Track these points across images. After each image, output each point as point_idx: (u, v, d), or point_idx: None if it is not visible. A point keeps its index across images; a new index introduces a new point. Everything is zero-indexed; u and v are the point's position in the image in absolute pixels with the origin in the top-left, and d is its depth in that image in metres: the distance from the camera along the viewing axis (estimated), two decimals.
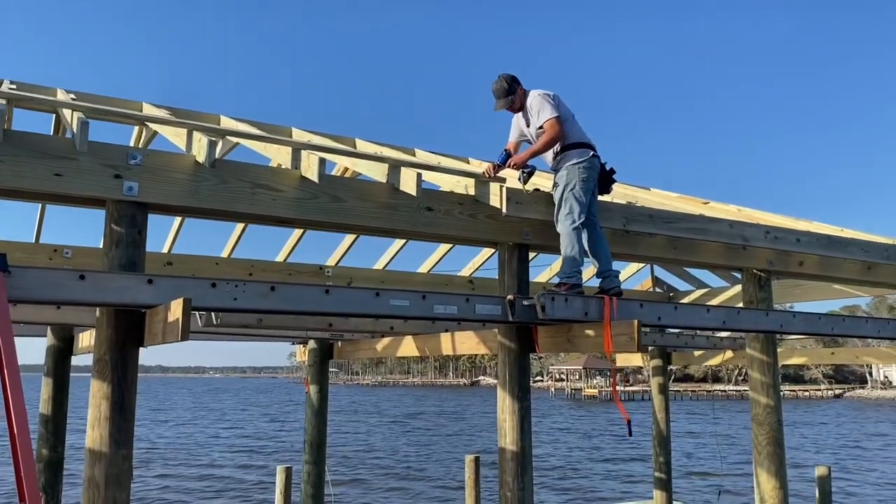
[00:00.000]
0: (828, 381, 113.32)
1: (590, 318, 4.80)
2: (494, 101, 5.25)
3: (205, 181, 4.10)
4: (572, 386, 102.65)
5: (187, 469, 25.47)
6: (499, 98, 5.22)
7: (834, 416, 60.13)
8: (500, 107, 5.24)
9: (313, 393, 9.16)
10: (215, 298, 3.77)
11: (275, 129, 6.36)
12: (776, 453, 6.39)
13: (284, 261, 7.72)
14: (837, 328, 6.16)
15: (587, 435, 40.63)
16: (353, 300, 4.16)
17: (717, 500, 14.10)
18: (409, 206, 4.75)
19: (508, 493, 5.03)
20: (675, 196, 7.87)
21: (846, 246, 6.47)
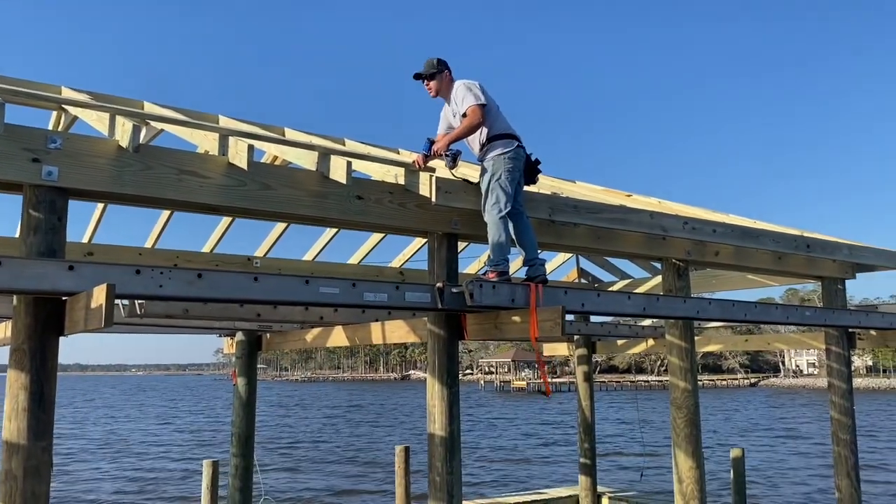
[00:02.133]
0: (744, 371, 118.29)
1: (516, 305, 4.92)
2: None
3: (128, 167, 4.02)
4: (501, 378, 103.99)
5: (113, 464, 24.68)
6: (424, 67, 5.35)
7: (744, 402, 62.80)
8: (421, 74, 5.35)
9: (241, 386, 9.04)
10: (140, 285, 3.70)
11: (202, 116, 6.25)
12: (693, 435, 6.68)
13: (212, 251, 7.59)
14: (750, 314, 6.47)
15: (515, 423, 41.27)
16: (282, 288, 4.15)
17: (640, 481, 14.57)
18: (339, 194, 4.76)
19: (437, 478, 5.11)
20: (599, 188, 8.10)
21: (758, 237, 6.80)
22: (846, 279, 8.14)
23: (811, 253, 7.25)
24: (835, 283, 8.08)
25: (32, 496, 3.63)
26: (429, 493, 5.21)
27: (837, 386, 7.97)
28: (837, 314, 7.46)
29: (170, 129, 4.99)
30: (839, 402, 7.94)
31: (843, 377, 7.98)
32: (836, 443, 7.92)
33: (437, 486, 5.11)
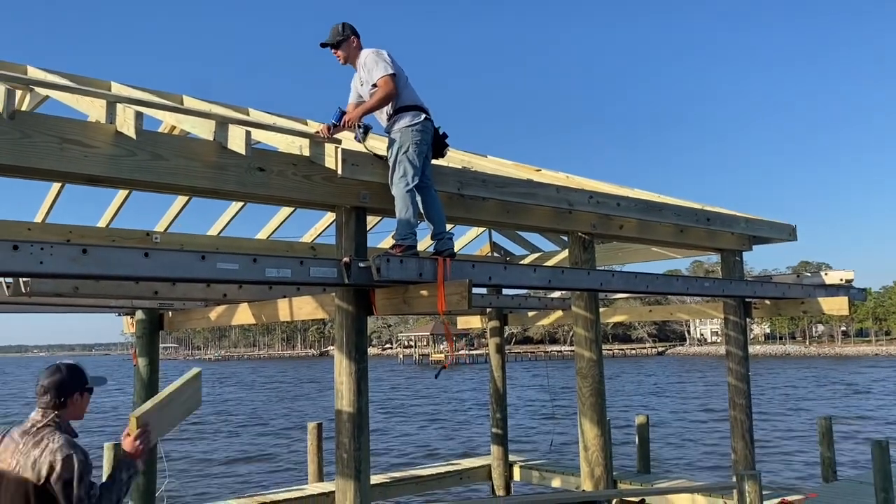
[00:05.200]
0: (652, 340, 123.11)
1: (424, 279, 4.89)
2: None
3: (4, 135, 3.72)
4: (420, 352, 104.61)
5: None
6: (329, 35, 5.22)
7: (650, 371, 65.41)
8: (326, 41, 5.23)
9: (142, 366, 8.69)
10: (18, 262, 3.46)
11: (91, 83, 5.88)
12: (598, 403, 6.86)
13: (107, 226, 7.22)
14: (652, 286, 6.67)
15: (430, 396, 41.68)
16: (177, 264, 3.97)
17: (550, 449, 14.97)
18: (238, 165, 4.57)
19: (345, 455, 5.06)
20: (509, 163, 8.13)
21: (661, 210, 6.99)
22: (744, 251, 8.49)
23: (711, 226, 7.52)
24: (733, 255, 8.42)
25: None
26: (336, 470, 5.16)
27: (734, 353, 8.35)
28: (734, 285, 7.78)
29: (55, 95, 4.68)
30: (736, 368, 8.31)
31: (740, 345, 8.36)
32: (733, 407, 8.31)
33: (344, 462, 5.06)
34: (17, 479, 2.78)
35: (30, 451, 2.80)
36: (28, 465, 2.78)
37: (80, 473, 2.75)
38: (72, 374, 2.98)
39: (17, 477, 2.78)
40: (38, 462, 2.77)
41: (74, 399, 2.97)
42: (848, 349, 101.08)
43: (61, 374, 2.96)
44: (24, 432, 2.89)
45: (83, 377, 3.02)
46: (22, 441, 2.85)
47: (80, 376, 3.01)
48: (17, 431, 2.92)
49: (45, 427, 2.87)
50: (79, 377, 3.00)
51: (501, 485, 11.26)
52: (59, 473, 2.74)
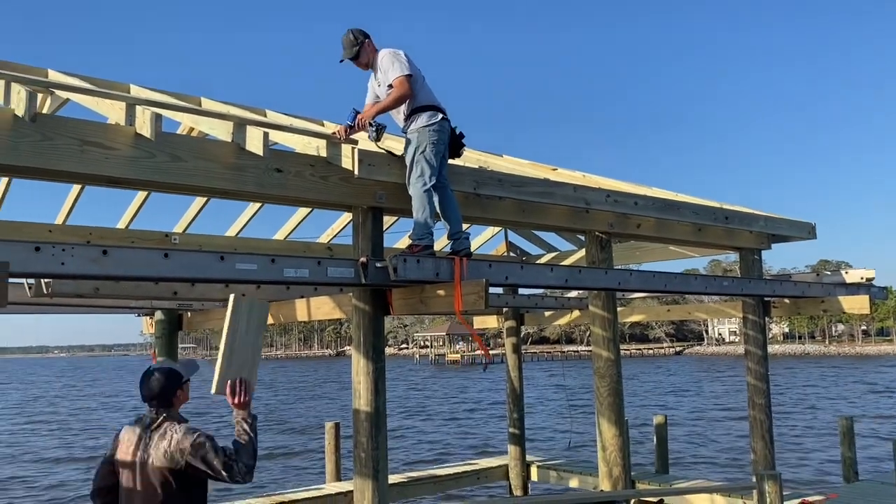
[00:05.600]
0: (670, 340, 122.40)
1: (441, 279, 4.89)
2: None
3: (26, 137, 3.77)
4: (436, 352, 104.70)
5: (15, 455, 23.82)
6: (344, 48, 5.20)
7: (668, 370, 65.03)
8: (344, 56, 5.23)
9: None
10: (40, 263, 3.50)
11: (111, 85, 5.94)
12: (616, 403, 6.83)
13: (127, 227, 7.29)
14: (670, 285, 6.63)
15: (447, 396, 41.69)
16: (196, 264, 4.00)
17: (567, 450, 14.92)
18: (256, 166, 4.60)
19: (363, 454, 5.08)
20: (525, 162, 8.12)
21: (679, 209, 6.95)
22: (762, 249, 8.42)
23: (730, 224, 7.47)
24: (752, 254, 8.35)
25: None
26: (354, 469, 5.17)
27: (753, 353, 8.28)
28: (753, 284, 7.71)
29: (75, 98, 4.72)
30: (755, 367, 8.25)
31: (759, 344, 8.29)
32: (752, 407, 8.24)
33: (362, 462, 5.08)
34: (154, 469, 3.15)
35: (158, 445, 3.16)
36: (161, 456, 3.14)
37: (211, 446, 3.14)
38: (168, 378, 3.33)
39: (154, 467, 3.15)
40: (169, 451, 3.14)
41: (177, 395, 3.35)
42: (868, 348, 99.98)
43: (160, 380, 3.31)
44: (145, 428, 3.25)
45: (178, 375, 3.37)
46: (146, 436, 3.22)
47: (176, 376, 3.36)
48: (136, 428, 3.28)
49: (163, 423, 3.23)
50: (175, 377, 3.35)
51: (519, 485, 11.23)
52: (196, 453, 3.12)
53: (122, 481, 3.26)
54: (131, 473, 3.22)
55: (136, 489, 3.19)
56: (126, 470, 3.24)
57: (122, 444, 3.30)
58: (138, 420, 3.34)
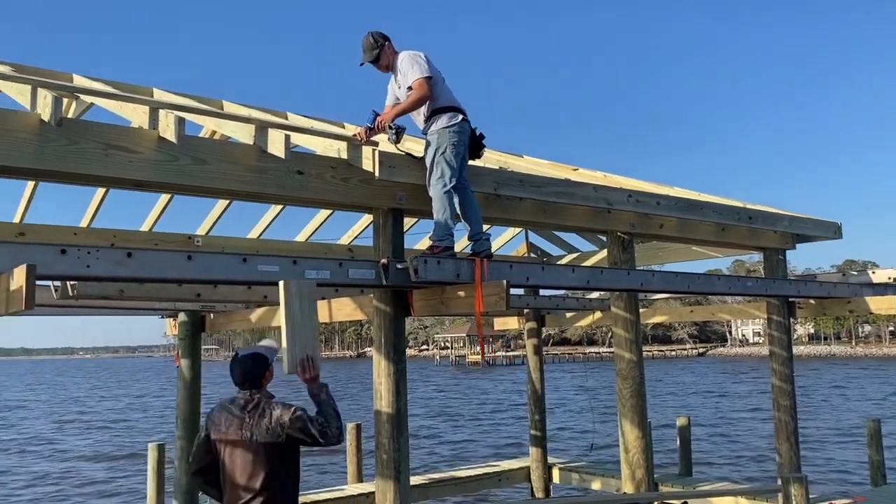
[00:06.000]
0: (693, 341, 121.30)
1: (462, 280, 4.89)
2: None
3: (51, 142, 3.83)
4: (456, 353, 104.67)
5: (52, 452, 24.13)
6: (364, 52, 5.21)
7: (691, 372, 64.44)
8: (364, 59, 5.24)
9: (185, 367, 8.85)
10: (66, 266, 3.55)
11: (134, 89, 6.01)
12: (639, 405, 6.78)
13: (150, 230, 7.36)
14: (693, 286, 6.57)
15: (468, 397, 41.65)
16: (218, 266, 4.03)
17: (590, 452, 14.83)
18: (278, 169, 4.63)
19: (384, 455, 5.08)
20: (545, 163, 8.09)
21: (702, 209, 6.89)
22: (787, 249, 8.32)
23: (753, 224, 7.39)
24: (776, 254, 8.25)
25: None
26: (376, 470, 5.18)
27: (778, 354, 8.18)
28: (778, 284, 7.62)
29: (99, 102, 4.78)
30: (780, 369, 8.15)
31: (784, 345, 8.19)
32: (777, 408, 8.14)
33: (384, 463, 5.08)
34: (257, 445, 3.48)
35: (259, 422, 3.49)
36: (263, 432, 3.48)
37: (307, 417, 3.49)
38: (255, 361, 3.67)
39: (256, 443, 3.48)
40: (270, 427, 3.47)
41: (266, 376, 3.68)
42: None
43: (249, 366, 3.65)
44: (242, 409, 3.57)
45: (264, 358, 3.70)
46: (246, 416, 3.53)
47: (262, 359, 3.69)
48: (232, 408, 3.61)
49: (258, 402, 3.56)
50: (261, 360, 3.69)
51: (540, 486, 11.19)
52: (294, 425, 3.47)
53: (225, 459, 3.57)
54: (234, 451, 3.53)
55: (241, 465, 3.50)
56: (228, 448, 3.55)
57: (219, 426, 3.62)
58: (232, 402, 3.64)
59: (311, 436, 3.48)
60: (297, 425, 3.47)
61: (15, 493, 17.56)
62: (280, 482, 3.52)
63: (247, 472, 3.50)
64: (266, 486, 3.48)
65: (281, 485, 3.52)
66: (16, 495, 17.38)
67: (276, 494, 3.50)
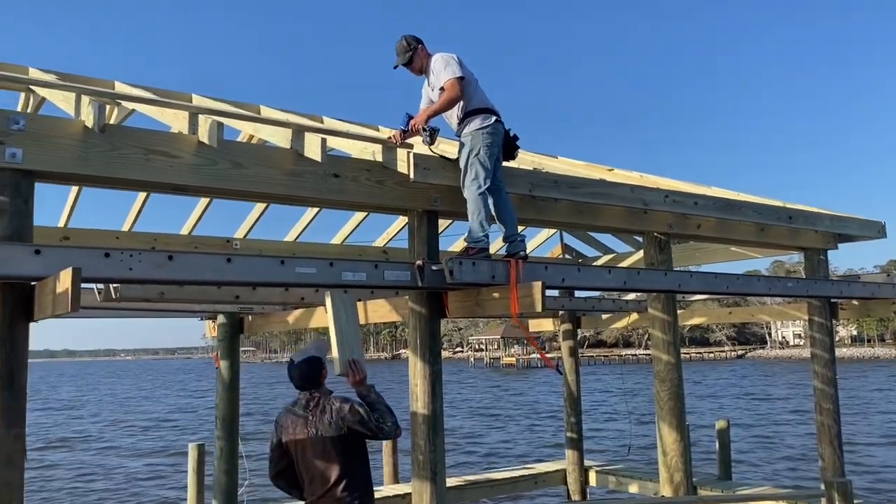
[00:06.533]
0: (731, 343, 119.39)
1: (497, 282, 4.88)
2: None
3: (94, 147, 3.92)
4: (491, 355, 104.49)
5: (97, 448, 24.67)
6: (398, 55, 5.24)
7: (730, 374, 63.38)
8: (398, 62, 5.27)
9: (224, 369, 8.97)
10: (109, 269, 3.63)
11: (174, 95, 6.12)
12: (677, 407, 6.68)
13: (189, 233, 7.49)
14: (732, 286, 6.47)
15: (502, 399, 41.53)
16: (257, 268, 4.09)
17: (627, 455, 14.69)
18: (314, 172, 4.67)
19: (420, 456, 5.09)
20: (580, 163, 8.04)
21: (740, 208, 6.78)
22: (828, 249, 8.15)
23: (794, 224, 7.25)
24: (817, 254, 8.09)
25: (6, 486, 3.57)
26: (412, 471, 5.19)
27: (820, 356, 8.01)
28: (819, 284, 7.47)
29: (140, 108, 4.88)
30: (822, 371, 7.98)
31: (826, 347, 8.02)
32: (820, 412, 7.98)
33: (420, 465, 5.09)
34: (324, 439, 3.78)
35: (322, 418, 3.81)
36: (327, 426, 3.79)
37: (365, 410, 3.78)
38: (310, 364, 3.96)
39: (323, 438, 3.78)
40: (332, 421, 3.78)
41: (322, 374, 3.98)
42: None
43: (305, 370, 3.94)
44: (304, 408, 3.88)
45: (318, 361, 3.98)
46: (309, 414, 3.85)
47: (316, 361, 3.98)
48: (296, 410, 3.92)
49: (318, 400, 3.88)
50: (316, 362, 3.97)
51: (577, 489, 11.11)
52: (353, 418, 3.76)
53: (298, 458, 3.85)
54: (305, 448, 3.81)
55: (314, 460, 3.78)
56: (299, 447, 3.83)
57: (287, 429, 3.90)
58: (294, 404, 3.93)
59: (370, 428, 3.74)
60: (356, 418, 3.73)
61: (67, 487, 18.06)
62: (352, 471, 3.78)
63: (320, 465, 3.76)
64: (340, 476, 3.74)
65: (353, 473, 3.79)
66: (67, 488, 17.88)
67: (350, 483, 3.76)
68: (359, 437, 3.84)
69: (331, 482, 3.76)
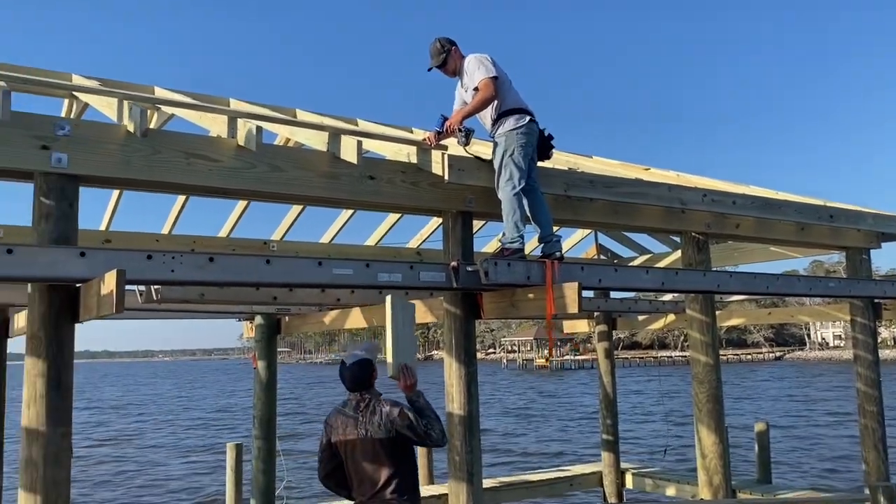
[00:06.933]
0: (769, 344, 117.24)
1: (532, 282, 4.87)
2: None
3: (137, 152, 4.00)
4: (524, 357, 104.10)
5: (141, 447, 25.13)
6: (432, 57, 5.26)
7: (768, 376, 62.29)
8: (431, 64, 5.28)
9: (261, 369, 9.08)
10: (152, 270, 3.70)
11: (212, 100, 6.21)
12: (715, 410, 6.59)
13: (227, 236, 7.59)
14: (772, 287, 6.36)
15: (537, 401, 41.35)
16: (295, 269, 4.13)
17: (663, 458, 14.51)
18: (350, 174, 4.71)
19: (457, 457, 5.10)
20: (616, 163, 7.98)
21: (780, 207, 6.67)
22: (871, 248, 7.98)
23: (835, 223, 7.11)
24: (859, 253, 7.92)
25: (53, 483, 3.66)
26: (448, 472, 5.20)
27: (863, 357, 7.84)
28: (862, 284, 7.32)
29: (180, 112, 4.96)
30: (865, 373, 7.81)
31: (869, 348, 7.85)
32: (863, 415, 7.81)
33: (456, 466, 5.10)
34: (373, 441, 3.82)
35: (371, 420, 3.84)
36: (376, 428, 3.82)
37: (414, 416, 3.82)
38: (362, 366, 3.99)
39: (372, 439, 3.82)
40: (382, 424, 3.81)
41: (373, 376, 4.02)
42: None
43: (357, 372, 3.98)
44: (355, 410, 3.92)
45: (369, 363, 4.02)
46: (359, 416, 3.88)
47: (367, 363, 4.02)
48: (346, 411, 3.96)
49: (369, 402, 3.91)
50: (366, 365, 4.01)
51: (613, 492, 11.01)
52: (402, 422, 3.80)
53: (347, 459, 3.90)
54: (355, 449, 3.86)
55: (364, 462, 3.83)
56: (349, 447, 3.89)
57: (336, 429, 3.95)
58: (344, 405, 3.99)
59: (417, 434, 3.79)
60: (405, 423, 3.78)
61: (110, 482, 18.44)
62: (401, 472, 3.83)
63: (370, 467, 3.81)
64: (390, 478, 3.79)
65: (402, 475, 3.83)
66: (111, 483, 18.26)
67: (399, 485, 3.81)
68: (407, 441, 3.87)
69: (380, 484, 3.80)
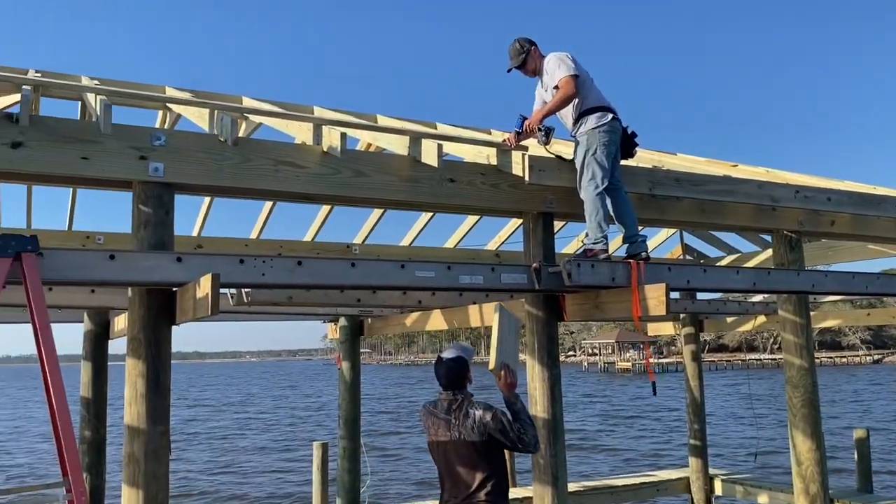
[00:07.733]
0: (866, 347, 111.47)
1: (617, 284, 4.78)
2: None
3: (228, 160, 4.14)
4: (605, 360, 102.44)
5: (230, 446, 26.02)
6: (511, 58, 5.24)
7: (864, 381, 59.21)
8: (511, 65, 5.26)
9: (346, 370, 9.25)
10: (243, 274, 3.83)
11: (296, 108, 6.38)
12: (811, 415, 6.31)
13: (312, 240, 7.79)
14: (871, 287, 6.04)
15: (621, 405, 40.61)
16: (379, 272, 4.20)
17: (753, 462, 13.99)
18: (431, 177, 4.75)
19: (541, 461, 5.06)
20: (702, 160, 7.75)
21: (879, 203, 6.33)
22: None
23: None
24: None
25: (154, 478, 3.83)
26: (533, 475, 5.16)
27: None
28: None
29: (267, 121, 5.12)
30: None
31: None
32: None
33: (541, 469, 5.06)
34: (466, 444, 3.77)
35: (464, 422, 3.79)
36: (468, 431, 3.76)
37: (507, 421, 3.75)
38: (458, 364, 3.94)
39: (466, 442, 3.77)
40: (474, 426, 3.75)
41: (468, 377, 3.97)
42: None
43: (454, 367, 3.93)
44: (447, 411, 3.87)
45: (465, 361, 3.97)
46: (452, 417, 3.84)
47: (463, 362, 3.96)
48: (437, 413, 3.92)
49: (461, 403, 3.86)
50: (463, 363, 3.96)
51: (701, 498, 10.69)
52: (495, 426, 3.73)
53: (440, 460, 3.90)
54: (448, 452, 3.84)
55: (456, 462, 3.80)
56: (441, 448, 3.87)
57: (428, 430, 3.95)
58: (435, 405, 3.95)
59: (511, 439, 3.72)
60: (498, 427, 3.71)
61: (202, 478, 19.21)
62: (495, 476, 3.78)
63: (463, 469, 3.78)
64: (484, 481, 3.75)
65: (496, 478, 3.79)
66: (203, 479, 19.02)
67: (494, 487, 3.77)
68: (499, 444, 3.82)
69: (474, 486, 3.77)
